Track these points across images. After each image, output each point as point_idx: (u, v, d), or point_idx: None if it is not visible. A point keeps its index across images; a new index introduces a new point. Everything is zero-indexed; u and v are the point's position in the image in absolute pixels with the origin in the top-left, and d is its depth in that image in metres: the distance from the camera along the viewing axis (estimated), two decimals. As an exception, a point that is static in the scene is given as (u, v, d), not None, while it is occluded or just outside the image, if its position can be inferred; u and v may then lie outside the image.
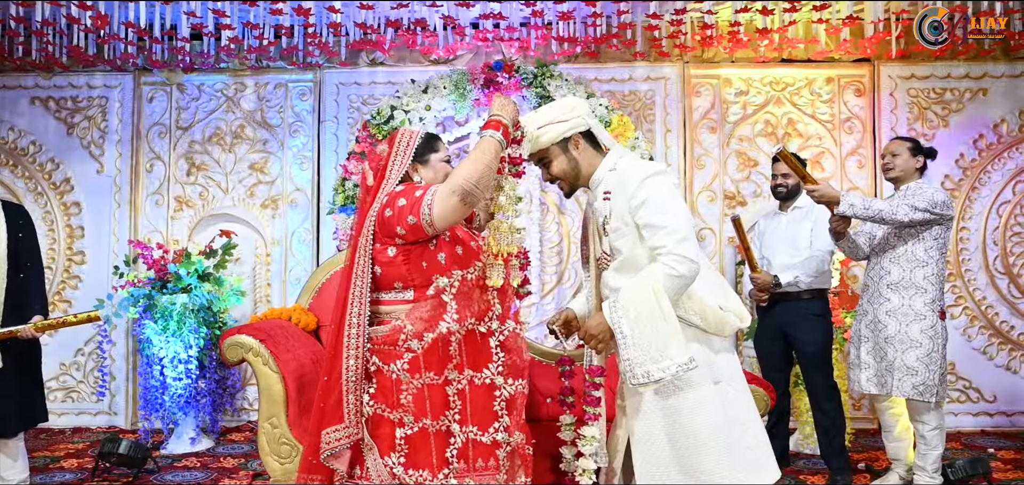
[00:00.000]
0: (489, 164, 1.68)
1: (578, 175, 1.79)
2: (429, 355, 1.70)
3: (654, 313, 1.57)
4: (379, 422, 1.71)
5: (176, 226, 4.36)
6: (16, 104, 4.43)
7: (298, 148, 4.37)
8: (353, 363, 1.68)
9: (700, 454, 1.63)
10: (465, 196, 1.64)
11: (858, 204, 2.65)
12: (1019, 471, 3.26)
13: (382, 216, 1.72)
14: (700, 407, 1.65)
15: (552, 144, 1.77)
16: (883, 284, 2.78)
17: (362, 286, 1.70)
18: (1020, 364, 4.16)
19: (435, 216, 1.65)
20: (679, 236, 1.61)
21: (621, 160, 1.76)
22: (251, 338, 2.20)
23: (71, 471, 3.36)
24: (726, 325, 1.71)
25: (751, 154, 4.29)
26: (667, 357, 1.56)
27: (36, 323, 2.52)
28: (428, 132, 1.88)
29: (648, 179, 1.67)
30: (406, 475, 1.68)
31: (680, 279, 1.60)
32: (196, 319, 3.70)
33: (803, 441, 3.60)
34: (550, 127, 1.76)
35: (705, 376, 1.67)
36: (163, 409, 3.71)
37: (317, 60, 4.23)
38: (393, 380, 1.70)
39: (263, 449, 2.17)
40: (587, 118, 1.79)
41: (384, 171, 1.79)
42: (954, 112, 4.25)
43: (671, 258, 1.60)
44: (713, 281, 1.77)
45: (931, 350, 2.68)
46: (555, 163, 1.79)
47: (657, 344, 1.57)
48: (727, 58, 4.27)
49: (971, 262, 4.21)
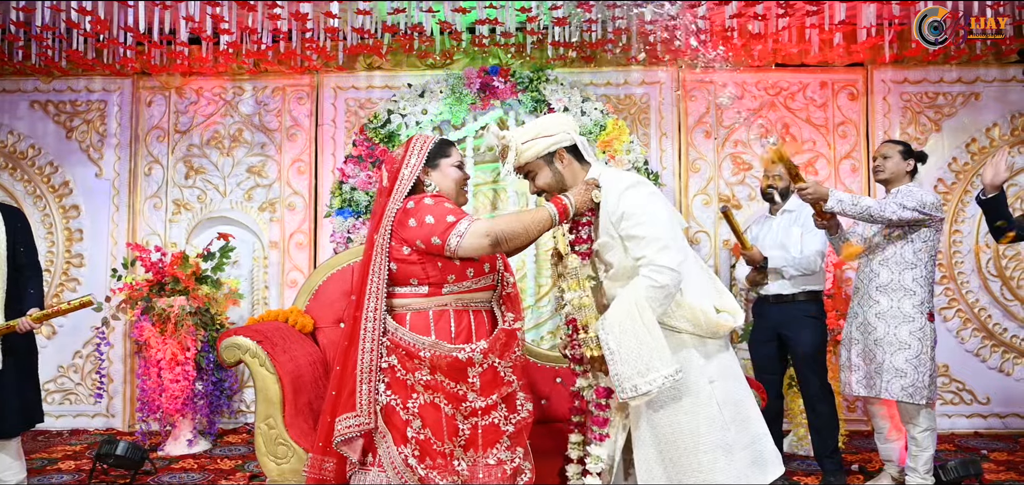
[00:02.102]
0: (529, 228, 1.76)
1: (563, 188, 1.83)
2: (446, 374, 1.76)
3: (637, 327, 1.61)
4: (393, 412, 1.77)
5: (174, 229, 4.38)
6: (15, 108, 4.45)
7: (296, 152, 4.40)
8: (368, 355, 1.76)
9: (697, 452, 1.66)
10: (495, 245, 1.74)
11: (846, 200, 2.67)
12: (1011, 472, 3.28)
13: (403, 221, 1.79)
14: (695, 408, 1.68)
15: (537, 158, 1.82)
16: (873, 287, 2.81)
17: (378, 282, 1.78)
18: (1013, 366, 4.18)
19: (462, 249, 1.74)
20: (659, 245, 1.65)
21: (602, 175, 1.80)
22: (248, 340, 2.22)
23: (69, 472, 3.37)
24: (720, 326, 1.73)
25: (745, 158, 4.33)
26: (653, 369, 1.59)
27: (32, 315, 2.57)
28: (442, 138, 1.95)
29: (626, 191, 1.71)
30: (420, 467, 1.73)
31: (662, 289, 1.64)
32: (194, 321, 3.71)
33: (797, 443, 3.62)
34: (535, 142, 1.81)
35: (699, 377, 1.69)
36: (160, 411, 3.72)
37: (314, 64, 4.26)
38: (409, 385, 1.77)
39: (260, 450, 2.18)
40: (572, 134, 1.83)
41: (397, 174, 1.86)
42: (946, 116, 4.28)
43: (651, 269, 1.64)
44: (706, 284, 1.79)
45: (920, 352, 2.70)
46: (540, 176, 1.84)
47: (643, 358, 1.60)
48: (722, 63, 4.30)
49: (964, 265, 4.24)
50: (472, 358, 1.76)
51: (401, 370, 1.77)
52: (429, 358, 1.76)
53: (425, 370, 1.76)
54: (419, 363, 1.76)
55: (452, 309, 1.82)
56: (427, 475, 1.72)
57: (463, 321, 1.82)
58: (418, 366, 1.76)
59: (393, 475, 1.73)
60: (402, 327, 1.79)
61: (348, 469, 1.80)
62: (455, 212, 1.78)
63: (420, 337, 1.77)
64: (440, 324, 1.80)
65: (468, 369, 1.76)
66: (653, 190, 1.76)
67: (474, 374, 1.77)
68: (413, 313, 1.81)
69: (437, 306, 1.81)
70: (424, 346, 1.76)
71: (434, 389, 1.76)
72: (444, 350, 1.76)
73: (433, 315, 1.80)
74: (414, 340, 1.77)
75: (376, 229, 1.82)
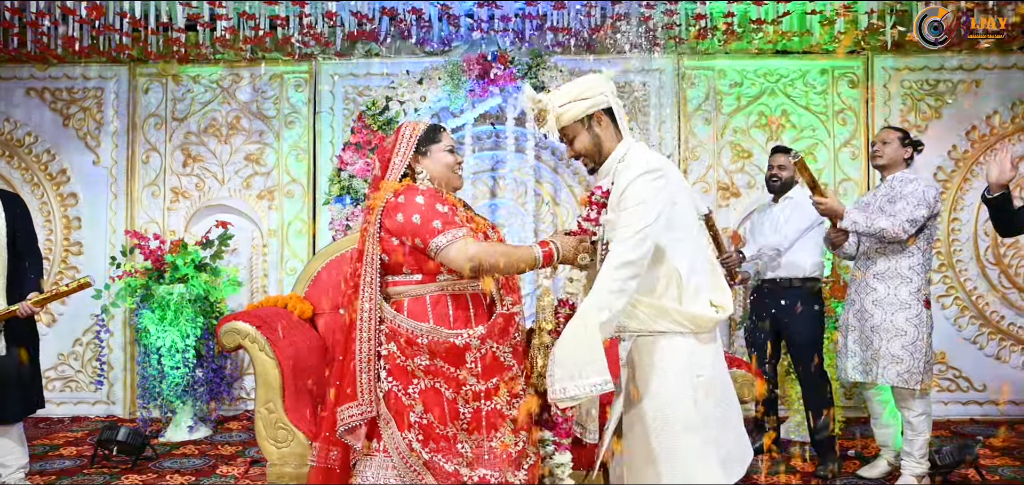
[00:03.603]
0: (511, 264, 1.77)
1: (600, 152, 1.78)
2: (445, 359, 1.77)
3: (578, 331, 1.57)
4: (395, 398, 1.79)
5: (173, 217, 4.38)
6: (12, 95, 4.43)
7: (294, 139, 4.39)
8: (366, 344, 1.78)
9: (677, 448, 1.65)
10: (477, 270, 1.75)
11: (861, 221, 2.68)
12: (1007, 458, 3.31)
13: (391, 213, 1.79)
14: (679, 398, 1.66)
15: (574, 121, 1.76)
16: (870, 274, 2.82)
17: (372, 272, 1.80)
18: (1010, 353, 4.20)
19: (441, 259, 1.75)
20: (628, 232, 1.61)
21: (630, 151, 1.76)
22: (248, 325, 2.22)
23: (70, 458, 3.39)
24: (713, 322, 1.72)
25: (745, 145, 4.32)
26: (584, 376, 1.56)
27: (32, 299, 2.58)
28: (431, 124, 1.93)
29: (636, 178, 1.66)
30: (424, 451, 1.74)
31: (619, 291, 1.59)
32: (193, 309, 3.72)
33: (793, 428, 3.64)
34: (572, 106, 1.75)
35: (687, 369, 1.68)
36: (161, 398, 3.74)
37: (313, 51, 4.24)
38: (409, 371, 1.78)
39: (260, 434, 2.20)
40: (609, 96, 1.77)
41: (388, 163, 1.87)
42: (947, 104, 4.27)
43: (611, 259, 1.60)
44: (705, 280, 1.74)
45: (916, 338, 2.72)
46: (578, 141, 1.78)
47: (577, 362, 1.56)
48: (721, 50, 4.28)
49: (962, 253, 4.24)
50: (469, 344, 1.77)
51: (401, 357, 1.78)
52: (428, 344, 1.77)
53: (425, 355, 1.77)
54: (418, 349, 1.77)
55: (449, 294, 1.82)
56: (431, 458, 1.74)
57: (461, 306, 1.83)
58: (417, 351, 1.77)
59: (398, 460, 1.75)
60: (400, 314, 1.80)
61: (352, 457, 1.82)
62: (443, 218, 1.76)
63: (418, 323, 1.78)
64: (437, 309, 1.80)
65: (466, 354, 1.77)
66: (663, 183, 1.67)
67: (472, 359, 1.78)
68: (410, 300, 1.82)
69: (433, 292, 1.82)
70: (422, 332, 1.77)
71: (434, 374, 1.77)
72: (442, 336, 1.77)
73: (430, 301, 1.81)
74: (412, 326, 1.78)
75: (368, 219, 1.83)
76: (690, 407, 1.66)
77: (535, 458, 1.86)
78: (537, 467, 1.85)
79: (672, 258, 1.67)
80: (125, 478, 3.07)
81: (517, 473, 1.78)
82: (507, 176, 4.24)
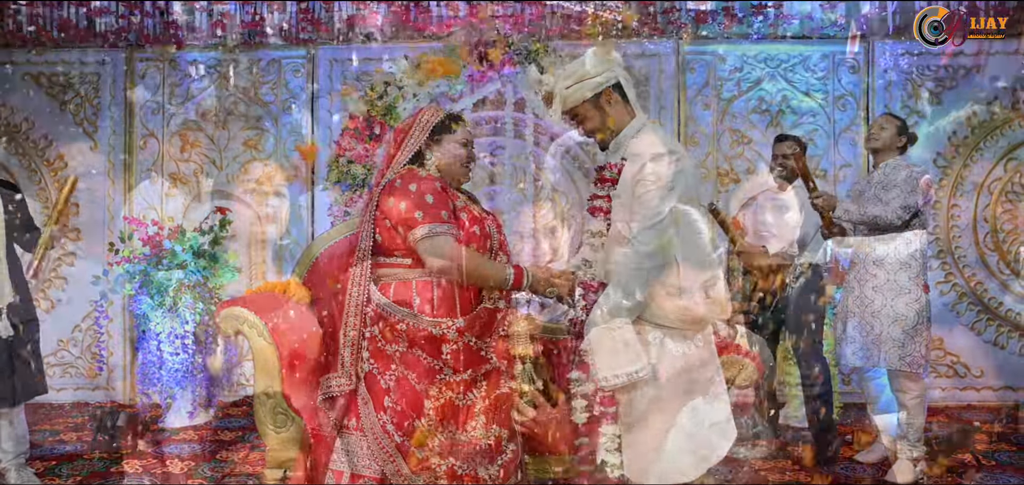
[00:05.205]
0: (485, 279, 1.80)
1: (612, 129, 1.75)
2: (422, 348, 1.78)
3: (606, 326, 1.61)
4: (374, 380, 1.80)
5: (171, 203, 4.37)
6: (8, 81, 4.40)
7: (292, 125, 4.37)
8: (351, 319, 1.81)
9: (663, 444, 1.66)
10: (442, 271, 1.76)
11: (853, 210, 2.74)
12: (1003, 444, 3.33)
13: (386, 194, 1.80)
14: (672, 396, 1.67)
15: (582, 102, 1.73)
16: (869, 260, 2.83)
17: (364, 250, 1.83)
18: (1007, 339, 4.21)
19: (420, 251, 1.76)
20: (649, 214, 1.61)
21: (645, 128, 1.74)
22: (246, 310, 2.22)
23: (71, 443, 3.41)
24: (704, 322, 1.72)
25: (745, 131, 4.30)
26: (620, 367, 1.60)
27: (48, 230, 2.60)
28: (450, 113, 1.92)
29: (653, 159, 1.64)
30: (396, 434, 1.75)
31: (634, 258, 1.62)
32: (192, 295, 3.72)
33: (792, 414, 3.66)
34: (579, 86, 1.72)
35: (679, 366, 1.68)
36: (160, 384, 3.75)
37: (311, 36, 4.21)
38: (388, 355, 1.79)
39: (259, 419, 2.20)
40: (616, 70, 1.74)
41: (399, 145, 1.87)
42: (948, 89, 4.25)
43: (633, 244, 1.62)
44: (702, 275, 1.72)
45: (916, 323, 2.73)
46: (588, 120, 1.76)
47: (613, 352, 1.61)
48: (722, 34, 4.26)
49: (961, 239, 4.24)
50: (446, 335, 1.76)
51: (382, 340, 1.80)
52: (406, 330, 1.77)
53: (403, 342, 1.78)
54: (397, 335, 1.78)
55: (436, 282, 1.80)
56: (403, 442, 1.75)
57: (448, 293, 1.81)
58: (396, 338, 1.79)
59: (372, 440, 1.77)
60: (385, 297, 1.80)
61: (326, 431, 1.86)
62: (428, 210, 1.75)
63: (399, 308, 1.78)
64: (423, 295, 1.80)
65: (442, 345, 1.77)
66: (677, 168, 1.65)
67: (448, 350, 1.77)
68: (398, 283, 1.82)
69: (421, 278, 1.81)
70: (402, 317, 1.77)
71: (408, 364, 1.78)
72: (422, 323, 1.77)
73: (417, 286, 1.81)
74: (394, 311, 1.78)
75: (370, 198, 1.84)
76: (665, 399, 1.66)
77: (512, 454, 1.84)
78: (514, 462, 1.84)
79: (672, 251, 1.66)
80: (126, 463, 3.09)
81: (490, 467, 1.78)
82: (506, 162, 4.23)
